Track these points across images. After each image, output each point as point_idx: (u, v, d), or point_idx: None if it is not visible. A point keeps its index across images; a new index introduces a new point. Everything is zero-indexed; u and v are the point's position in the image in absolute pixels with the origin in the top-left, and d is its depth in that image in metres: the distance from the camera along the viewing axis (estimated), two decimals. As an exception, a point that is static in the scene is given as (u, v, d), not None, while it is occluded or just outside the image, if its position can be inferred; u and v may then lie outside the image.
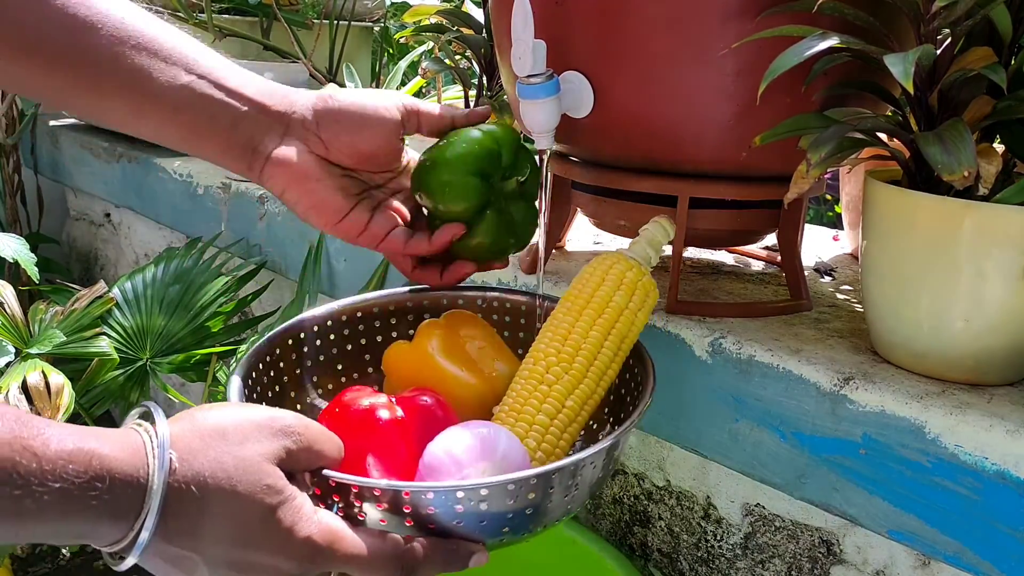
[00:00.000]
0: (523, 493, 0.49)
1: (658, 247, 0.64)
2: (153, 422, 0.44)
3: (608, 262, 0.62)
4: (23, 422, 0.39)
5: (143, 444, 0.43)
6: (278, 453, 0.46)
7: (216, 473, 0.43)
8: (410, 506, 0.48)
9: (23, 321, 1.10)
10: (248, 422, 0.46)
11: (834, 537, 0.69)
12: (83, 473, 0.40)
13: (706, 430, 0.70)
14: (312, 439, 0.48)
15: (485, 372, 0.62)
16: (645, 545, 0.85)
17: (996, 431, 0.55)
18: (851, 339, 0.69)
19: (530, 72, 0.64)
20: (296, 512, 0.45)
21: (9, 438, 0.38)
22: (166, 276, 1.22)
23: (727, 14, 0.64)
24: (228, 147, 0.62)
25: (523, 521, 0.50)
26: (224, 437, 0.45)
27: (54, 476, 0.39)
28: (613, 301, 0.60)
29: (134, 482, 0.41)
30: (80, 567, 1.50)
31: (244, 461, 0.44)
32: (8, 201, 1.76)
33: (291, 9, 1.71)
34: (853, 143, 0.59)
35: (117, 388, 1.13)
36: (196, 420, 0.45)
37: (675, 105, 0.68)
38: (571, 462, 0.50)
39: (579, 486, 0.52)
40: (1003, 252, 0.55)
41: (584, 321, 0.59)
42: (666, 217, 0.65)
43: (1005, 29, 0.56)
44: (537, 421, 0.57)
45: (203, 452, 0.44)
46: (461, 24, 1.00)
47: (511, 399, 0.58)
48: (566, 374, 0.58)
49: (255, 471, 0.44)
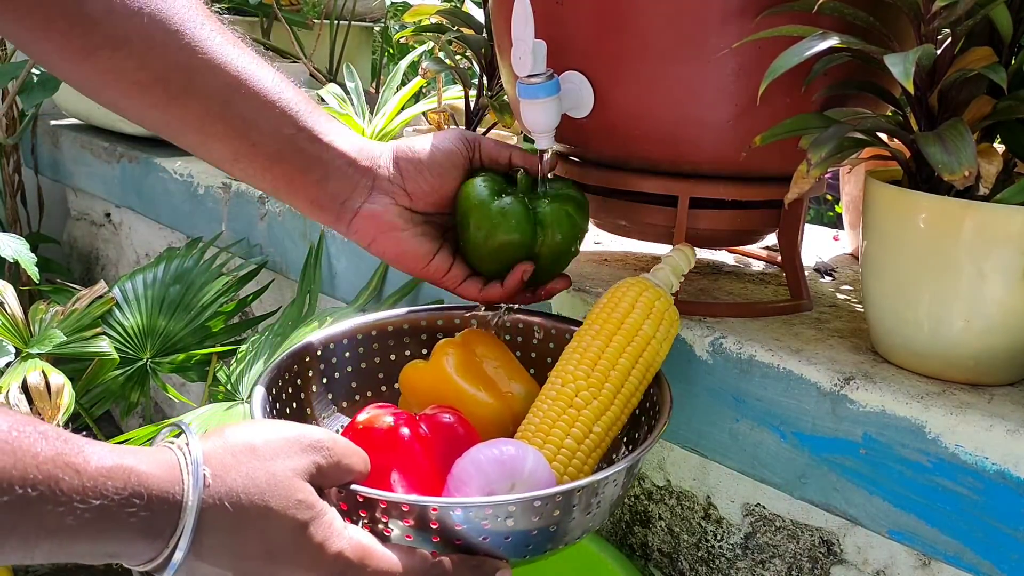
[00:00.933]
0: (548, 510, 0.49)
1: (680, 275, 0.65)
2: (186, 440, 0.44)
3: (637, 289, 0.62)
4: (64, 439, 0.40)
5: (177, 462, 0.43)
6: (308, 469, 0.46)
7: (249, 489, 0.44)
8: (437, 522, 0.48)
9: (23, 321, 1.10)
10: (279, 438, 0.47)
11: (834, 537, 0.69)
12: (122, 490, 0.40)
13: (706, 430, 0.70)
14: (341, 454, 0.49)
15: (502, 392, 0.63)
16: (645, 545, 0.85)
17: (996, 431, 0.55)
18: (851, 339, 0.69)
19: (530, 72, 0.64)
20: (327, 527, 0.46)
21: (52, 455, 0.38)
22: (166, 276, 1.22)
23: (727, 14, 0.64)
24: (318, 200, 0.64)
25: (546, 538, 0.51)
26: (255, 453, 0.45)
27: (95, 492, 0.39)
28: (643, 329, 0.60)
29: (170, 499, 0.42)
30: (80, 567, 1.50)
31: (275, 476, 0.45)
32: (8, 201, 1.76)
33: (291, 9, 1.71)
34: (853, 143, 0.59)
35: (117, 388, 1.13)
36: (227, 437, 0.46)
37: (675, 105, 0.68)
38: (595, 480, 0.51)
39: (600, 504, 0.53)
40: (1003, 252, 0.55)
41: (614, 347, 0.60)
42: (688, 245, 0.66)
43: (1005, 29, 0.56)
44: (565, 445, 0.57)
45: (235, 468, 0.44)
46: (461, 24, 1.00)
47: (537, 419, 0.59)
48: (595, 399, 0.58)
49: (287, 486, 0.45)
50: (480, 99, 1.00)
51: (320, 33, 1.66)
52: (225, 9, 1.70)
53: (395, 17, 1.99)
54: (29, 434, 0.38)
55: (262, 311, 1.28)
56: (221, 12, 1.68)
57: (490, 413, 0.62)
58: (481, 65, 0.99)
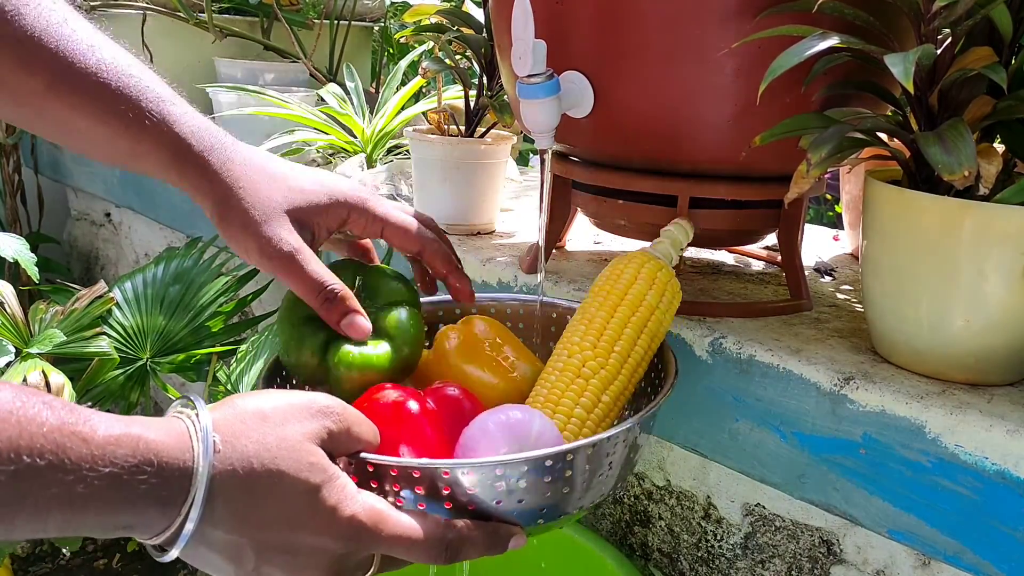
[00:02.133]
0: (560, 470, 0.49)
1: (679, 248, 0.65)
2: (195, 409, 0.44)
3: (639, 260, 0.62)
4: (69, 409, 0.39)
5: (187, 429, 0.43)
6: (319, 433, 0.46)
7: (260, 453, 0.44)
8: (449, 486, 0.47)
9: (23, 321, 1.10)
10: (288, 404, 0.46)
11: (834, 537, 0.69)
12: (131, 457, 0.40)
13: (706, 430, 0.70)
14: (352, 421, 0.48)
15: (507, 373, 0.63)
16: (645, 545, 0.85)
17: (996, 431, 0.55)
18: (851, 339, 0.69)
19: (530, 72, 0.64)
20: (340, 491, 0.45)
21: (57, 424, 0.38)
22: (166, 276, 1.22)
23: (727, 14, 0.64)
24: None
25: (558, 503, 0.51)
26: (265, 419, 0.45)
27: (104, 460, 0.39)
28: (646, 299, 0.61)
29: (180, 466, 0.41)
30: (80, 567, 1.50)
31: (287, 440, 0.44)
32: (8, 201, 1.76)
33: (291, 9, 1.71)
34: (853, 143, 0.59)
35: (117, 388, 1.13)
36: (236, 405, 0.46)
37: (675, 105, 0.68)
38: (604, 437, 0.50)
39: (612, 465, 0.52)
40: (1003, 252, 0.55)
41: (619, 317, 0.60)
42: (685, 219, 0.66)
43: (1005, 29, 0.56)
44: (575, 414, 0.57)
45: (246, 434, 0.44)
46: (461, 24, 1.00)
47: (546, 390, 0.59)
48: (602, 368, 0.59)
49: (298, 450, 0.45)
50: (480, 99, 1.00)
51: (320, 33, 1.66)
52: (225, 9, 1.70)
53: (395, 17, 1.99)
54: (33, 404, 0.38)
55: (262, 311, 1.28)
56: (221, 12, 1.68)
57: (496, 395, 0.61)
58: (481, 65, 0.99)
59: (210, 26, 1.58)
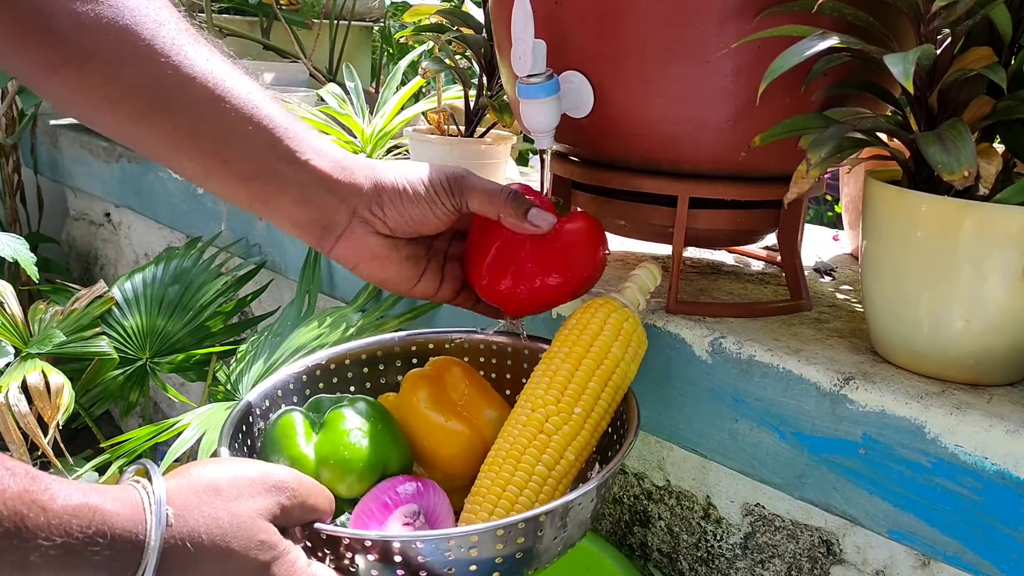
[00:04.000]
0: (513, 538, 0.50)
1: (647, 293, 0.65)
2: (150, 479, 0.45)
3: (606, 310, 0.62)
4: (32, 477, 0.40)
5: (141, 501, 0.43)
6: (272, 509, 0.47)
7: (211, 529, 0.44)
8: (401, 555, 0.48)
9: (23, 321, 1.10)
10: (243, 478, 0.47)
11: (834, 537, 0.70)
12: (86, 528, 0.40)
13: (706, 430, 0.70)
14: (306, 494, 0.49)
15: (474, 420, 0.63)
16: (645, 545, 0.85)
17: (996, 431, 0.55)
18: (851, 339, 0.69)
19: (530, 72, 0.64)
20: (290, 567, 0.46)
21: (19, 491, 0.39)
22: (166, 276, 1.22)
23: (726, 14, 0.64)
24: (297, 222, 0.62)
25: (514, 565, 0.51)
26: (219, 493, 0.46)
27: (59, 531, 0.40)
28: (611, 352, 0.60)
29: (133, 538, 0.42)
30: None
31: (238, 517, 0.45)
32: (8, 201, 1.76)
33: (291, 9, 1.71)
34: (853, 143, 0.59)
35: (117, 388, 1.13)
36: (192, 476, 0.46)
37: (675, 105, 0.68)
38: (559, 504, 0.51)
39: (567, 527, 0.53)
40: (1003, 252, 0.55)
41: (583, 371, 0.60)
42: (654, 263, 0.66)
43: (1005, 29, 0.56)
44: (536, 472, 0.57)
45: (198, 508, 0.45)
46: (461, 24, 1.00)
47: (508, 444, 0.58)
48: (565, 424, 0.58)
49: (249, 527, 0.45)
50: (480, 99, 1.00)
51: (320, 33, 1.66)
52: (225, 9, 1.70)
53: (395, 17, 1.99)
54: None
55: (261, 311, 1.28)
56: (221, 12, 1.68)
57: (463, 442, 0.62)
58: (481, 65, 0.99)
59: (209, 26, 1.57)
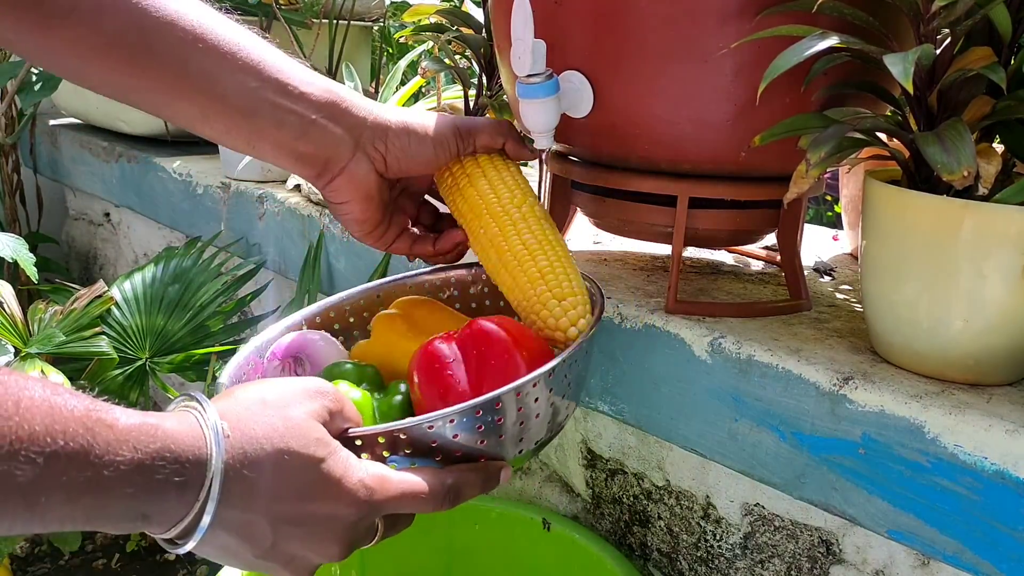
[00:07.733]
0: (529, 400, 0.53)
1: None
2: (199, 403, 0.46)
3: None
4: (92, 399, 0.41)
5: (196, 420, 0.44)
6: (321, 412, 0.49)
7: (269, 434, 0.46)
8: (435, 439, 0.51)
9: (22, 321, 1.09)
10: (288, 388, 0.49)
11: (833, 537, 0.70)
12: (152, 443, 0.42)
13: (706, 430, 0.70)
14: (344, 401, 0.51)
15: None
16: (645, 545, 0.85)
17: (995, 431, 0.55)
18: (850, 339, 0.69)
19: (530, 72, 0.64)
20: (344, 462, 0.48)
21: (84, 412, 0.40)
22: (165, 276, 1.22)
23: (726, 14, 0.64)
24: (297, 156, 0.62)
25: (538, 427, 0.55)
26: (268, 404, 0.47)
27: (128, 446, 0.41)
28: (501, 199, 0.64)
29: (195, 453, 0.43)
30: (80, 567, 1.50)
31: (292, 420, 0.47)
32: (7, 201, 1.75)
33: (291, 8, 1.71)
34: (853, 143, 0.59)
35: (116, 388, 1.13)
36: (237, 395, 0.48)
37: (674, 105, 0.68)
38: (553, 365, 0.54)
39: (572, 383, 0.57)
40: (1003, 252, 0.55)
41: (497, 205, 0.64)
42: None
43: (1005, 29, 0.56)
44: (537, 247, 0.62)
45: (252, 419, 0.46)
46: (461, 24, 1.00)
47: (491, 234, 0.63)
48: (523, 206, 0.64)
49: (304, 428, 0.47)
50: (479, 99, 1.00)
51: (319, 33, 1.65)
52: (225, 9, 1.70)
53: (394, 17, 1.99)
54: (60, 392, 0.40)
55: (261, 311, 1.28)
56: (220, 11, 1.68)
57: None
58: (480, 65, 0.99)
59: (209, 26, 1.57)
